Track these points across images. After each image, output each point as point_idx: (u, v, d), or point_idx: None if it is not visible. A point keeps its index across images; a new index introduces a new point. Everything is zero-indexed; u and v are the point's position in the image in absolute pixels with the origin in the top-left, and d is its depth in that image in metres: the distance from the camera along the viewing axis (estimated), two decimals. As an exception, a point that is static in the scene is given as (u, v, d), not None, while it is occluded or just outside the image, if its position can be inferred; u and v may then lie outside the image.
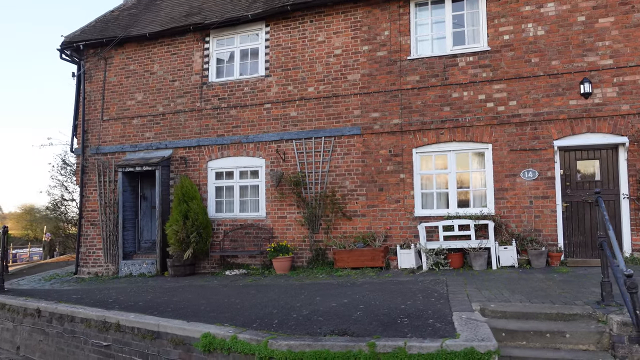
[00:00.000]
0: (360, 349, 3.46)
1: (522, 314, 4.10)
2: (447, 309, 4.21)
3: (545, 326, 3.87)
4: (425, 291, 5.16)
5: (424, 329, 3.59)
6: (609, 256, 4.05)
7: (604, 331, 3.67)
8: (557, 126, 7.23)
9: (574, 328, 3.78)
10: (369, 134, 8.10)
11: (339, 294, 5.27)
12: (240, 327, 4.23)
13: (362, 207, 8.02)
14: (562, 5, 7.34)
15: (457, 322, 3.78)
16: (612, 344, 3.58)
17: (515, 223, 7.25)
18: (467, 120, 7.60)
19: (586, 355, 3.58)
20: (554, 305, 4.21)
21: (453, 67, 7.75)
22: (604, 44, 7.17)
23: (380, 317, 4.05)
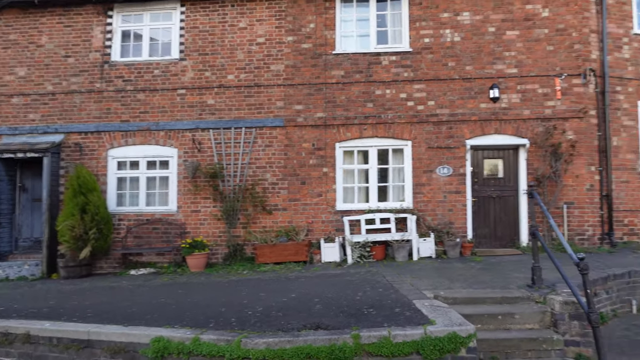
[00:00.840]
0: (344, 341, 4.02)
1: (471, 299, 5.45)
2: (404, 298, 5.31)
3: (495, 309, 5.17)
4: (367, 282, 6.40)
5: (397, 318, 4.52)
6: (544, 244, 5.64)
7: (546, 311, 5.14)
8: (469, 126, 9.30)
9: (521, 309, 5.20)
10: (292, 127, 9.49)
11: (281, 289, 6.23)
12: (196, 328, 4.55)
13: (284, 201, 9.32)
14: (476, 16, 9.53)
15: (425, 309, 4.79)
16: (554, 321, 5.04)
17: (431, 216, 9.10)
18: (389, 117, 9.38)
19: (533, 333, 4.95)
20: (494, 290, 5.69)
21: (377, 65, 9.52)
22: (511, 54, 9.48)
23: (344, 309, 4.93)
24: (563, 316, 4.94)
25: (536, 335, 4.85)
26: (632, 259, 7.66)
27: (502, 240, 9.27)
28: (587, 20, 9.48)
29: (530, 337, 4.79)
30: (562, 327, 4.89)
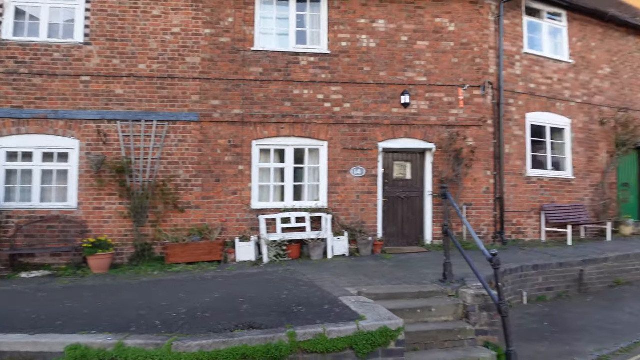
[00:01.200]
0: (280, 340, 4.35)
1: (391, 295, 6.27)
2: (330, 295, 5.96)
3: (414, 304, 5.97)
4: (289, 281, 7.03)
5: (328, 315, 5.08)
6: (456, 242, 6.73)
7: (459, 303, 6.13)
8: (382, 130, 10.54)
9: (437, 303, 6.12)
10: (208, 122, 10.01)
11: (201, 290, 6.59)
12: (118, 333, 4.57)
13: (197, 199, 9.80)
14: (390, 24, 10.82)
15: (353, 305, 5.39)
16: (466, 313, 6.05)
17: (345, 216, 10.17)
18: (306, 117, 10.29)
19: (448, 324, 5.86)
20: (411, 285, 6.62)
21: (295, 64, 10.39)
22: (421, 63, 10.89)
23: (274, 308, 5.39)
24: (474, 308, 6.00)
25: (451, 326, 5.84)
26: (522, 255, 9.32)
27: (408, 239, 10.62)
28: (487, 37, 11.22)
29: (446, 329, 5.77)
30: (473, 318, 5.95)
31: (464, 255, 6.46)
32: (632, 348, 6.01)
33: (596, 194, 12.74)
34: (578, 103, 12.73)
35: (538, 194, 11.72)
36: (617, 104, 13.55)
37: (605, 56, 13.52)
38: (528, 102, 11.82)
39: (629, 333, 6.50)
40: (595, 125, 12.98)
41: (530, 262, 8.56)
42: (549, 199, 11.87)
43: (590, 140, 12.86)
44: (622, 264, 9.51)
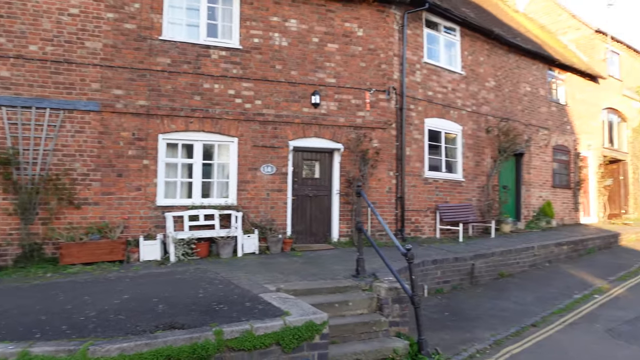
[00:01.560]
0: (206, 338, 4.25)
1: (309, 290, 6.32)
2: (250, 293, 5.83)
3: (331, 298, 6.16)
4: (202, 280, 6.76)
5: (251, 312, 4.98)
6: (370, 239, 6.93)
7: (373, 297, 6.35)
8: (292, 128, 10.62)
9: (352, 297, 6.27)
10: (110, 113, 9.35)
11: (107, 291, 6.11)
12: (20, 341, 4.18)
13: (96, 195, 9.11)
14: (302, 25, 10.94)
15: (275, 302, 5.34)
16: (379, 306, 6.27)
17: (254, 213, 10.09)
18: (217, 112, 10.03)
19: (364, 317, 6.12)
20: (327, 281, 6.72)
21: (206, 57, 10.09)
22: (331, 65, 11.15)
23: (193, 307, 5.16)
24: (387, 301, 6.28)
25: (367, 319, 6.08)
26: (422, 251, 9.92)
27: (316, 236, 10.83)
28: (391, 44, 11.81)
29: (362, 321, 5.99)
30: (387, 310, 6.23)
31: (377, 251, 6.76)
32: (521, 332, 6.70)
33: (482, 195, 13.99)
34: (468, 111, 13.88)
35: (434, 194, 12.58)
36: (500, 114, 15.00)
37: (491, 70, 14.90)
38: (426, 108, 12.64)
39: (517, 319, 7.24)
40: (482, 132, 14.25)
41: (429, 257, 9.16)
42: (443, 199, 12.80)
43: (478, 146, 14.09)
44: (505, 258, 10.54)
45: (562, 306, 7.91)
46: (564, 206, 17.85)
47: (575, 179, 18.46)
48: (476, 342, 6.28)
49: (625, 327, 6.68)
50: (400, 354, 5.67)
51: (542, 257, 11.56)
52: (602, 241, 14.05)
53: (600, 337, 6.35)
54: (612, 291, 8.89)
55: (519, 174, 15.88)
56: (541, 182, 16.72)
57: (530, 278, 10.19)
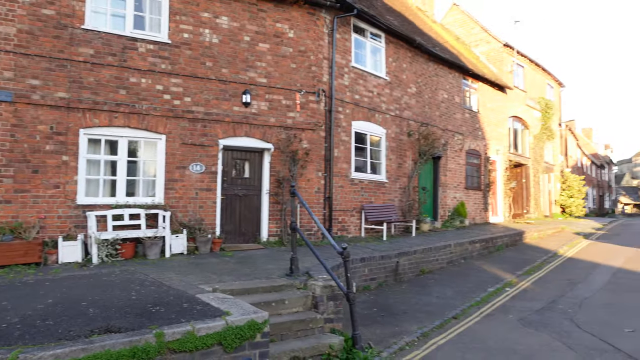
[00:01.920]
0: (147, 341, 4.11)
1: (245, 290, 6.28)
2: (186, 294, 5.64)
3: (268, 297, 6.14)
4: (132, 282, 6.44)
5: (191, 313, 4.83)
6: (305, 239, 6.98)
7: (308, 295, 6.41)
8: (222, 127, 10.49)
9: (288, 296, 6.30)
10: (25, 104, 8.68)
11: (29, 295, 5.65)
12: None
13: (8, 192, 8.42)
14: (234, 22, 10.84)
15: (214, 302, 5.30)
16: (314, 303, 6.35)
17: (182, 213, 9.84)
18: (143, 108, 9.67)
19: (300, 315, 6.15)
20: (262, 280, 6.69)
21: (133, 50, 9.69)
22: (262, 64, 11.15)
23: (127, 310, 4.92)
24: (322, 298, 6.40)
25: (303, 317, 6.16)
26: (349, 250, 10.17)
27: (245, 236, 10.78)
28: (321, 47, 12.04)
29: (299, 319, 6.06)
30: (322, 308, 6.35)
31: (312, 250, 6.91)
32: (444, 325, 7.15)
33: (403, 195, 14.65)
34: (392, 115, 14.47)
35: (359, 194, 12.99)
36: (420, 119, 15.79)
37: (413, 77, 15.64)
38: (354, 111, 13.02)
39: (440, 313, 7.70)
40: (404, 136, 14.92)
41: (357, 255, 9.46)
42: (368, 200, 13.25)
43: (400, 149, 14.73)
44: (426, 256, 11.14)
45: (479, 299, 8.52)
46: (475, 206, 19.14)
47: (485, 181, 19.84)
48: (405, 335, 6.61)
49: (534, 317, 7.35)
50: (335, 349, 5.84)
51: (458, 254, 12.34)
52: (509, 239, 15.26)
53: (513, 327, 6.94)
54: (520, 284, 9.71)
55: (436, 176, 16.80)
56: (456, 184, 17.81)
57: (448, 274, 10.85)
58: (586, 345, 5.91)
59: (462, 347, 6.12)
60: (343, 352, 5.87)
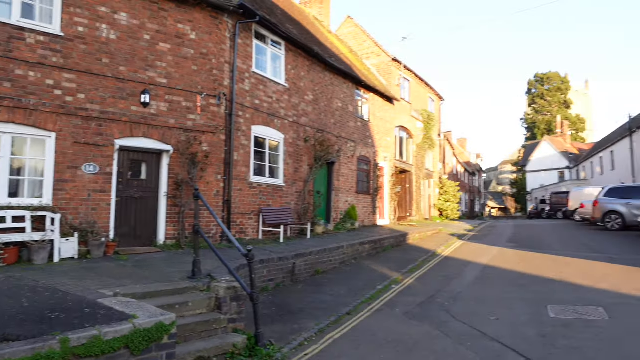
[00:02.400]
0: (51, 348, 3.97)
1: (148, 294, 6.17)
2: (85, 299, 5.38)
3: (172, 300, 6.09)
4: (21, 288, 6.01)
5: (94, 317, 4.66)
6: (208, 241, 7.00)
7: (212, 297, 6.49)
8: (119, 127, 10.15)
9: (192, 298, 6.33)
10: None
11: None
12: None
13: None
14: (133, 20, 10.54)
15: (118, 306, 5.16)
16: (218, 305, 6.44)
17: (73, 215, 9.36)
18: (31, 103, 9.05)
19: (204, 316, 6.20)
20: (164, 284, 6.64)
21: (20, 41, 9.02)
22: (162, 64, 10.97)
23: (22, 317, 4.62)
24: (226, 299, 6.57)
25: (207, 318, 6.28)
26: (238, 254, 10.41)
27: (141, 239, 10.52)
28: (223, 52, 12.14)
29: (203, 320, 6.17)
30: (225, 309, 6.51)
31: (216, 253, 7.08)
32: (339, 320, 7.69)
33: (299, 199, 15.20)
34: (290, 121, 14.96)
35: (258, 198, 13.27)
36: (317, 125, 16.48)
37: (310, 85, 16.29)
38: (253, 115, 13.27)
39: (335, 309, 8.25)
40: (301, 141, 15.48)
41: (257, 257, 9.69)
42: (266, 203, 13.58)
43: (297, 154, 15.27)
44: (320, 257, 11.73)
45: (369, 296, 9.24)
46: (365, 210, 20.34)
47: (374, 186, 21.16)
48: (303, 331, 7.03)
49: (417, 310, 8.19)
50: (239, 347, 6.09)
51: (349, 255, 13.13)
52: (395, 240, 16.50)
53: (399, 320, 7.69)
54: (405, 281, 10.66)
55: (330, 180, 17.61)
56: (348, 189, 18.80)
57: (341, 273, 11.54)
58: (459, 332, 6.79)
59: (355, 340, 6.69)
60: (246, 350, 6.13)
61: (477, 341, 6.37)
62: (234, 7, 12.04)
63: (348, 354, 6.13)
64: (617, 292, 8.69)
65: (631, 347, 5.80)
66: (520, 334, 6.56)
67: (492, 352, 5.91)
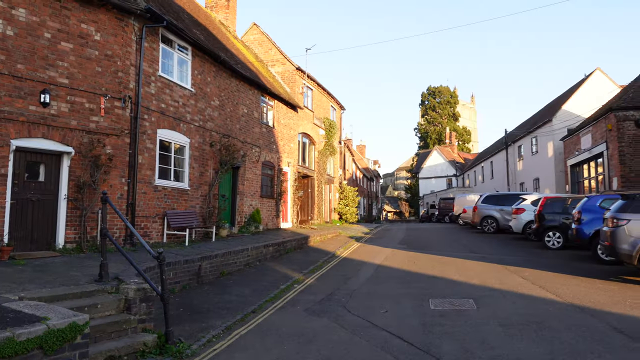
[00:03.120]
0: None
1: (55, 297, 6.14)
2: None
3: (80, 303, 6.07)
4: None
5: (3, 321, 4.59)
6: (117, 245, 7.02)
7: (121, 298, 6.60)
8: (16, 127, 9.75)
9: (101, 300, 6.39)
10: None
11: None
12: None
13: None
14: (33, 16, 10.17)
15: (27, 309, 5.14)
16: (127, 306, 6.58)
17: (-37, 219, 8.87)
18: None
19: (114, 317, 6.30)
20: (70, 287, 6.61)
21: None
22: (64, 64, 10.68)
23: None
24: (135, 301, 6.74)
25: (117, 319, 6.42)
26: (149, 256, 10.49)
27: (39, 243, 10.16)
28: (129, 54, 12.07)
29: (113, 321, 6.31)
30: (134, 309, 6.69)
31: (125, 256, 7.25)
32: (245, 318, 8.16)
33: (204, 202, 15.38)
34: (196, 126, 15.11)
35: (163, 201, 13.28)
36: (222, 130, 16.76)
37: (216, 91, 16.55)
38: (159, 119, 13.28)
39: (240, 309, 8.70)
40: (207, 146, 15.68)
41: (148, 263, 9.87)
42: (171, 206, 13.62)
43: (203, 158, 15.44)
44: (226, 259, 12.08)
45: (273, 295, 9.80)
46: (268, 213, 20.90)
47: (277, 191, 21.79)
48: (211, 329, 7.41)
49: (317, 307, 8.89)
50: (150, 346, 6.34)
51: (254, 257, 13.60)
52: (297, 242, 17.23)
53: (301, 315, 8.33)
54: (306, 281, 11.38)
55: (235, 184, 17.94)
56: (252, 192, 19.24)
57: (246, 275, 11.99)
58: (354, 324, 7.59)
59: (261, 335, 7.22)
60: (157, 348, 6.41)
61: (369, 331, 7.20)
62: (141, 10, 12.03)
63: (254, 347, 6.64)
64: (485, 286, 10.09)
65: (489, 330, 6.94)
66: (405, 323, 7.49)
67: (381, 339, 6.75)
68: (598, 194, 15.03)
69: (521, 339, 6.39)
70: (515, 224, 19.81)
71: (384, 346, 6.39)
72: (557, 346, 6.04)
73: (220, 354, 6.41)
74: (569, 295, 8.95)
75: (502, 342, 6.33)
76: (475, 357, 5.77)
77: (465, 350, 6.01)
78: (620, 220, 10.13)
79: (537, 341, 6.28)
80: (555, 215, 16.40)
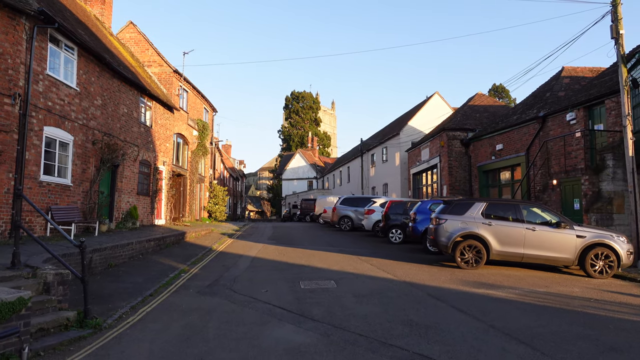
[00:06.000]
0: None
1: None
2: None
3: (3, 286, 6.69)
4: None
5: None
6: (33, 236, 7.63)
7: (40, 282, 7.42)
8: None
9: (22, 284, 7.13)
10: None
11: None
12: None
13: None
14: None
15: None
16: (46, 289, 7.44)
17: None
18: None
19: (36, 298, 6.96)
20: None
21: None
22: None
23: None
24: (54, 284, 7.63)
25: (40, 299, 7.24)
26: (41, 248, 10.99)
27: None
28: (20, 52, 12.26)
29: (37, 301, 7.11)
30: (53, 291, 7.57)
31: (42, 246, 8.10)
32: (145, 300, 9.35)
33: (86, 198, 15.70)
34: (80, 124, 15.41)
35: (47, 196, 13.51)
36: (104, 129, 17.13)
37: (99, 90, 16.89)
38: (46, 117, 13.50)
39: (139, 293, 9.84)
40: (89, 144, 16.01)
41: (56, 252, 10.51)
42: (54, 201, 13.87)
43: (86, 156, 15.76)
44: (113, 252, 12.87)
45: (165, 282, 11.04)
46: (144, 210, 21.40)
47: (153, 188, 22.34)
48: (119, 309, 8.55)
49: (207, 289, 10.39)
50: (72, 320, 7.37)
51: (137, 251, 14.45)
52: (175, 238, 18.23)
53: (196, 296, 9.77)
54: (192, 271, 12.73)
55: (114, 182, 18.31)
56: (130, 190, 19.68)
57: (134, 266, 12.91)
58: (242, 300, 9.31)
59: (164, 311, 8.58)
60: (77, 322, 7.48)
61: (256, 304, 9.00)
62: (34, 11, 12.30)
63: (162, 319, 8.02)
64: (342, 271, 12.52)
65: (346, 300, 9.21)
66: (283, 299, 9.43)
67: (266, 309, 8.59)
68: (429, 199, 18.71)
69: (367, 304, 8.76)
70: (367, 222, 23.11)
71: (270, 313, 8.27)
72: (391, 307, 8.52)
73: (135, 324, 7.71)
74: (403, 275, 11.75)
75: (355, 306, 8.63)
76: (337, 316, 7.95)
77: (330, 313, 8.17)
78: (441, 219, 13.32)
79: (378, 305, 8.71)
80: (398, 216, 19.84)
